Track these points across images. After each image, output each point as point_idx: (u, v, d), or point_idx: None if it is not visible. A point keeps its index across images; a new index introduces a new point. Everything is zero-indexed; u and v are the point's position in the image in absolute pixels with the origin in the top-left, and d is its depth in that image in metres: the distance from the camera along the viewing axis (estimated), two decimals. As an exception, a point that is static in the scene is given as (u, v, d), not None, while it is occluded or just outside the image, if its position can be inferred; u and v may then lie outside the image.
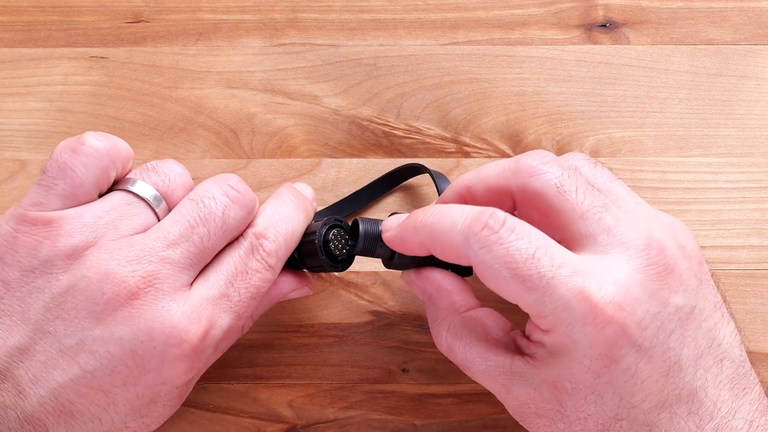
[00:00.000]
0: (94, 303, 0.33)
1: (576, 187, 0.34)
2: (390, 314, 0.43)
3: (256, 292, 0.36)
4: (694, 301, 0.34)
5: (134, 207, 0.35)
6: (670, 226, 0.35)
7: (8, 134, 0.46)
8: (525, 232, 0.32)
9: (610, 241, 0.33)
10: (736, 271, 0.44)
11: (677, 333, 0.33)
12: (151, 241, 0.34)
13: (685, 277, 0.34)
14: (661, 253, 0.33)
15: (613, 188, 0.36)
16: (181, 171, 0.37)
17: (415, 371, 0.43)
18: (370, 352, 0.43)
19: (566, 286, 0.32)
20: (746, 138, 0.45)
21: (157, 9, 0.47)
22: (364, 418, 0.43)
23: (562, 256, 0.32)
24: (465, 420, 0.42)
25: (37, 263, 0.34)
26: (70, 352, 0.33)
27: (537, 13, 0.47)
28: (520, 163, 0.34)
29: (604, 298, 0.32)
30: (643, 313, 0.32)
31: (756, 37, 0.46)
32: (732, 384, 0.34)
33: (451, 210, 0.34)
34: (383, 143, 0.45)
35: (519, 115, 0.46)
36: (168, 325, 0.33)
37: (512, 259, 0.32)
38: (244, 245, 0.36)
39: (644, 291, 0.32)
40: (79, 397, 0.33)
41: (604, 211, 0.34)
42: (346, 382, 0.43)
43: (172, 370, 0.34)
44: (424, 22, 0.47)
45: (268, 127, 0.46)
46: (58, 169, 0.35)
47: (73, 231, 0.34)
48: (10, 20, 0.47)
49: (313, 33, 0.47)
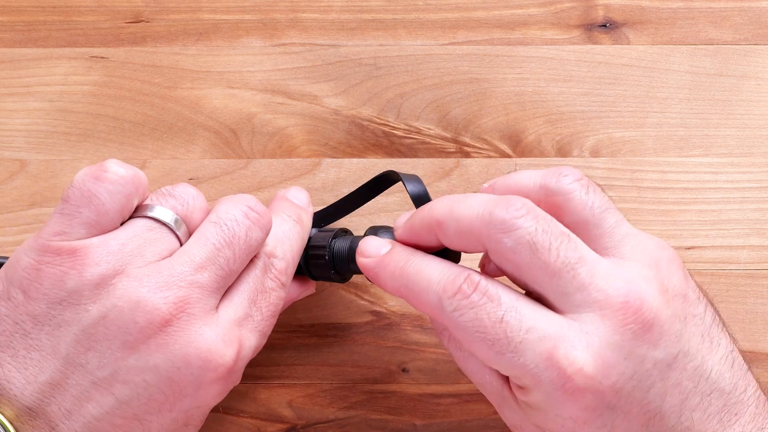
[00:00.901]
0: (127, 332, 0.32)
1: (549, 243, 0.32)
2: (390, 314, 0.43)
3: (275, 310, 0.37)
4: (677, 347, 0.32)
5: (156, 233, 0.35)
6: (654, 263, 0.34)
7: (8, 134, 0.46)
8: (496, 294, 0.32)
9: (585, 299, 0.32)
10: (736, 271, 0.44)
11: (657, 386, 0.32)
12: (178, 265, 0.34)
13: (667, 327, 0.32)
14: (638, 311, 0.32)
15: (602, 220, 0.34)
16: (196, 194, 0.36)
17: (415, 371, 0.43)
18: (370, 352, 0.43)
19: (534, 351, 0.31)
20: (746, 138, 0.45)
21: (157, 9, 0.47)
22: (364, 418, 0.43)
23: (532, 318, 0.32)
24: (465, 420, 0.42)
25: (65, 294, 0.33)
26: (104, 384, 0.32)
27: (537, 13, 0.47)
28: (493, 216, 0.33)
29: (574, 366, 0.31)
30: (617, 377, 0.31)
31: (756, 37, 0.46)
32: (721, 414, 0.33)
33: (429, 267, 0.34)
34: (383, 143, 0.45)
35: (519, 115, 0.46)
36: (204, 350, 0.33)
37: (481, 323, 0.32)
38: (259, 265, 0.37)
39: (619, 353, 0.31)
40: (114, 428, 0.33)
41: (580, 266, 0.32)
42: (346, 382, 0.43)
43: (207, 393, 0.34)
44: (424, 22, 0.47)
45: (268, 127, 0.46)
46: (82, 197, 0.34)
47: (100, 260, 0.33)
48: (10, 20, 0.47)
49: (313, 33, 0.47)
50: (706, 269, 0.44)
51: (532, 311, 0.32)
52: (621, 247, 0.34)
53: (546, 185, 0.34)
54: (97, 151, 0.45)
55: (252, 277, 0.36)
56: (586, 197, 0.34)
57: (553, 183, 0.34)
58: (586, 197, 0.34)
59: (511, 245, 0.32)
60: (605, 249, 0.34)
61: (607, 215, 0.34)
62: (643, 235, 0.35)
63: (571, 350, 0.31)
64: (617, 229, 0.34)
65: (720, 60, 0.46)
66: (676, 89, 0.46)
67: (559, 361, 0.31)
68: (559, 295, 0.32)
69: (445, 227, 0.34)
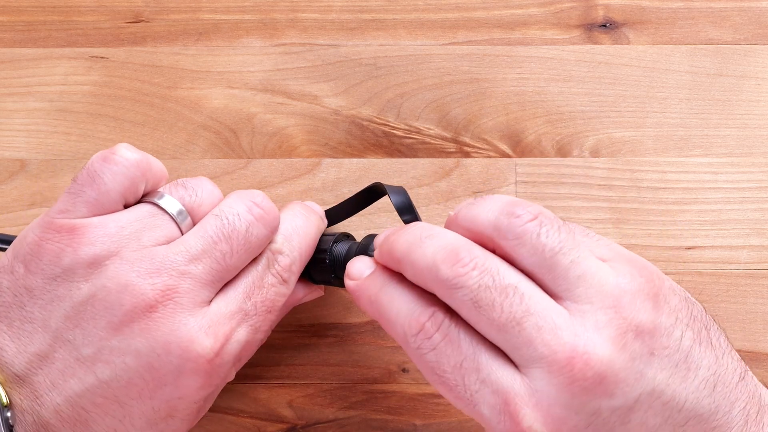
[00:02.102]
0: (113, 313, 0.33)
1: (493, 300, 0.31)
2: (390, 314, 0.43)
3: (272, 306, 0.36)
4: (639, 389, 0.31)
5: (158, 219, 0.35)
6: (612, 303, 0.32)
7: (8, 134, 0.46)
8: (456, 339, 0.32)
9: (532, 354, 0.31)
10: (736, 271, 0.44)
11: (618, 429, 0.31)
12: (172, 254, 0.34)
13: (622, 375, 0.31)
14: (586, 366, 0.31)
15: (554, 264, 0.32)
16: (211, 189, 0.37)
17: (415, 371, 0.43)
18: (370, 352, 0.43)
19: (488, 404, 0.31)
20: (746, 138, 0.45)
21: (157, 9, 0.47)
22: (364, 418, 0.43)
23: (488, 370, 0.32)
24: (465, 420, 0.42)
25: (60, 271, 0.34)
26: (87, 362, 0.33)
27: (537, 13, 0.47)
28: (439, 274, 0.32)
29: (524, 423, 0.31)
30: (568, 431, 0.31)
31: (756, 37, 0.46)
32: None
33: (399, 298, 0.34)
34: (383, 143, 0.45)
35: (519, 115, 0.46)
36: (185, 339, 0.33)
37: (441, 366, 0.32)
38: (262, 261, 0.36)
39: (569, 409, 0.31)
40: (94, 406, 0.33)
41: (526, 320, 0.31)
42: (346, 382, 0.43)
43: (189, 384, 0.34)
44: (424, 22, 0.47)
45: (268, 127, 0.46)
46: (88, 177, 0.35)
47: (95, 240, 0.34)
48: (10, 20, 0.47)
49: (313, 33, 0.47)
50: (706, 269, 0.44)
51: (488, 360, 0.32)
52: (575, 289, 0.32)
53: (498, 227, 0.33)
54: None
55: (252, 273, 0.36)
56: (536, 240, 0.32)
57: (504, 226, 0.33)
58: (536, 240, 0.32)
59: (457, 302, 0.32)
60: (560, 292, 0.32)
61: (560, 258, 0.32)
62: (603, 271, 0.32)
63: (521, 407, 0.31)
64: (572, 270, 0.32)
65: (720, 60, 0.46)
66: (676, 89, 0.46)
67: (510, 416, 0.31)
68: (509, 349, 0.32)
69: (403, 267, 0.34)
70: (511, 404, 0.31)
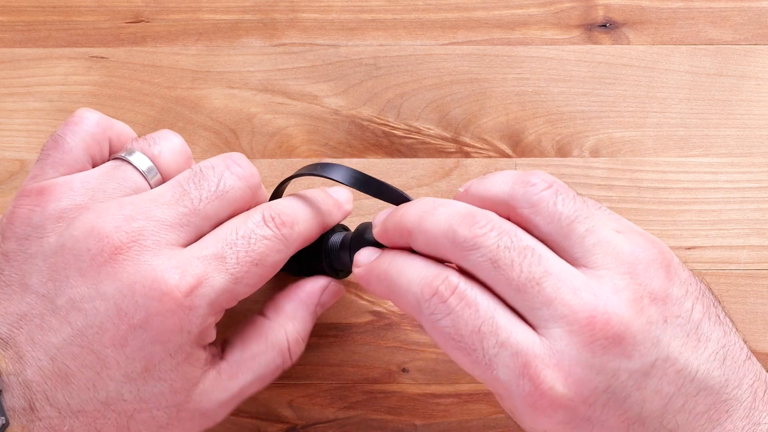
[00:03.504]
0: (81, 260, 0.33)
1: (512, 259, 0.32)
2: (390, 314, 0.43)
3: (260, 259, 0.35)
4: (655, 354, 0.32)
5: (124, 171, 0.36)
6: (628, 270, 0.32)
7: (8, 134, 0.46)
8: (474, 301, 0.32)
9: (552, 314, 0.31)
10: (736, 271, 0.44)
11: (635, 395, 0.31)
12: (141, 202, 0.34)
13: (640, 337, 0.31)
14: (607, 325, 0.31)
15: (570, 231, 0.33)
16: (178, 143, 0.37)
17: (415, 371, 0.43)
18: (370, 352, 0.43)
19: (508, 367, 0.31)
20: (746, 138, 0.45)
21: (157, 9, 0.47)
22: (364, 418, 0.43)
23: (507, 332, 0.32)
24: (465, 420, 0.42)
25: (30, 230, 0.34)
26: (62, 312, 0.33)
27: (537, 13, 0.47)
28: (456, 235, 0.32)
29: (545, 385, 0.31)
30: (589, 392, 0.31)
31: (756, 37, 0.46)
32: (710, 413, 0.32)
33: (410, 267, 0.34)
34: (383, 143, 0.45)
35: (519, 115, 0.46)
36: (150, 278, 0.33)
37: (458, 331, 0.32)
38: (254, 215, 0.36)
39: (590, 369, 0.31)
40: (72, 358, 0.33)
41: (545, 280, 0.32)
42: (346, 382, 0.43)
43: (158, 326, 0.33)
44: (424, 22, 0.47)
45: (268, 127, 0.46)
46: (52, 141, 0.37)
47: (62, 195, 0.35)
48: (10, 20, 0.47)
49: (313, 33, 0.47)
50: (706, 269, 0.44)
51: (507, 323, 0.32)
52: (591, 256, 0.33)
53: (513, 197, 0.33)
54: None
55: (238, 222, 0.35)
56: (553, 208, 0.33)
57: (519, 194, 0.33)
58: (553, 208, 0.33)
59: (475, 263, 0.32)
60: (576, 259, 0.33)
61: (575, 225, 0.33)
62: (618, 239, 0.33)
63: (542, 369, 0.31)
64: (588, 237, 0.33)
65: (720, 60, 0.46)
66: (676, 89, 0.46)
67: (530, 379, 0.31)
68: (527, 310, 0.32)
69: (414, 237, 0.34)
70: (532, 366, 0.31)
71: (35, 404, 0.33)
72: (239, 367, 0.36)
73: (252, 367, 0.37)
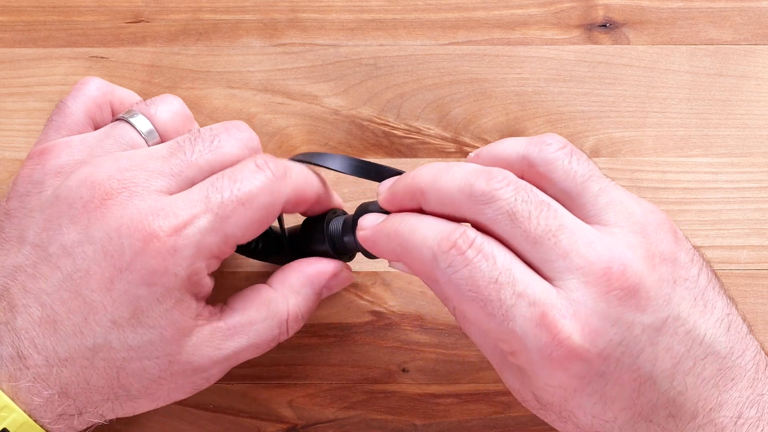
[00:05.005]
0: (74, 207, 0.34)
1: (529, 212, 0.32)
2: (390, 314, 0.43)
3: (246, 198, 0.34)
4: (666, 311, 0.32)
5: (121, 129, 0.37)
6: (640, 229, 0.33)
7: (8, 134, 0.46)
8: (491, 254, 0.32)
9: (568, 266, 0.32)
10: (736, 271, 0.44)
11: (647, 351, 0.32)
12: (136, 155, 0.35)
13: (653, 292, 0.32)
14: (622, 276, 0.32)
15: (585, 189, 0.34)
16: (178, 105, 0.39)
17: (415, 371, 0.43)
18: (370, 352, 0.43)
19: (525, 317, 0.31)
20: (746, 138, 0.45)
21: (157, 9, 0.47)
22: (364, 418, 0.43)
23: (524, 283, 0.32)
24: (465, 420, 0.42)
25: (31, 187, 0.36)
26: (53, 259, 0.34)
27: (537, 13, 0.47)
28: (473, 188, 0.33)
29: (562, 334, 0.31)
30: (604, 344, 0.31)
31: (756, 37, 0.46)
32: (717, 379, 0.33)
33: (424, 224, 0.34)
34: (383, 143, 0.45)
35: (519, 115, 0.46)
36: (135, 220, 0.33)
37: (475, 282, 0.32)
38: (246, 161, 0.36)
39: (606, 320, 0.31)
40: (61, 304, 0.33)
41: (561, 233, 0.32)
42: (346, 382, 0.43)
43: (143, 267, 0.33)
44: (424, 22, 0.47)
45: (268, 127, 0.46)
46: (56, 108, 0.39)
47: (61, 152, 0.36)
48: (10, 20, 0.47)
49: (313, 33, 0.47)
50: (706, 269, 0.44)
51: (524, 274, 0.32)
52: (604, 214, 0.33)
53: (528, 156, 0.34)
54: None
55: (227, 169, 0.35)
56: (568, 166, 0.34)
57: (535, 153, 0.34)
58: (568, 166, 0.34)
59: (492, 216, 0.33)
60: (589, 217, 0.33)
61: (590, 184, 0.34)
62: (630, 201, 0.34)
63: (560, 319, 0.31)
64: (601, 196, 0.34)
65: (720, 60, 0.46)
66: (676, 89, 0.46)
67: (548, 329, 0.31)
68: (542, 262, 0.32)
69: (427, 196, 0.34)
70: (549, 316, 0.31)
71: (22, 351, 0.33)
72: (236, 329, 0.36)
73: (248, 332, 0.37)
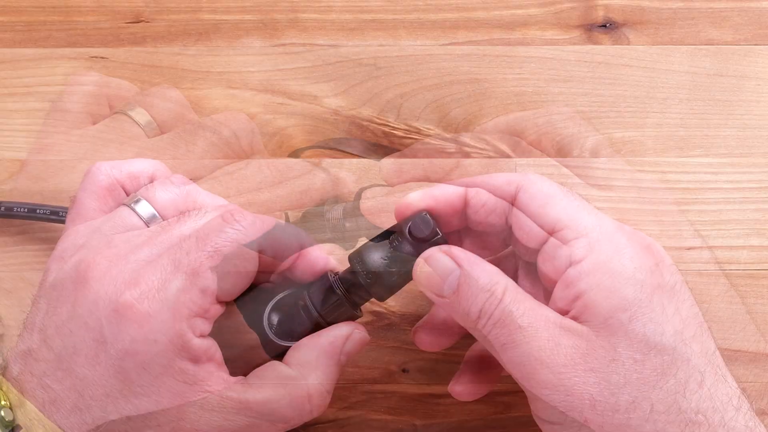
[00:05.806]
0: (66, 288, 0.35)
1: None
2: (390, 314, 0.43)
3: (213, 251, 0.34)
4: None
5: (121, 213, 0.37)
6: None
7: (8, 134, 0.46)
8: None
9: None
10: (737, 271, 0.44)
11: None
12: (128, 235, 0.36)
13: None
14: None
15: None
16: (179, 191, 0.38)
17: (415, 371, 0.43)
18: (370, 352, 0.43)
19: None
20: (746, 138, 0.45)
21: (157, 9, 0.47)
22: (364, 418, 0.43)
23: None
24: (465, 420, 0.42)
25: (44, 275, 0.36)
26: (49, 340, 0.34)
27: (537, 13, 0.47)
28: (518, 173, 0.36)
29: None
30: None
31: (756, 37, 0.46)
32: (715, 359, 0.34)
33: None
34: (383, 143, 0.45)
35: (519, 115, 0.46)
36: (110, 292, 0.34)
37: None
38: (214, 217, 0.36)
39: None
40: (58, 383, 0.34)
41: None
42: (346, 382, 0.43)
43: (122, 337, 0.33)
44: (424, 22, 0.47)
45: (268, 127, 0.46)
46: (71, 200, 0.38)
47: (66, 238, 0.37)
48: (10, 20, 0.47)
49: (313, 33, 0.47)
50: (706, 269, 0.44)
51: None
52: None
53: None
54: (97, 151, 0.45)
55: (191, 231, 0.36)
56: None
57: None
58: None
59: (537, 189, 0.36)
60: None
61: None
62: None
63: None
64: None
65: (720, 60, 0.46)
66: (676, 89, 0.46)
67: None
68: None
69: (478, 187, 0.36)
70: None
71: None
72: (249, 405, 0.35)
73: (261, 410, 0.35)
